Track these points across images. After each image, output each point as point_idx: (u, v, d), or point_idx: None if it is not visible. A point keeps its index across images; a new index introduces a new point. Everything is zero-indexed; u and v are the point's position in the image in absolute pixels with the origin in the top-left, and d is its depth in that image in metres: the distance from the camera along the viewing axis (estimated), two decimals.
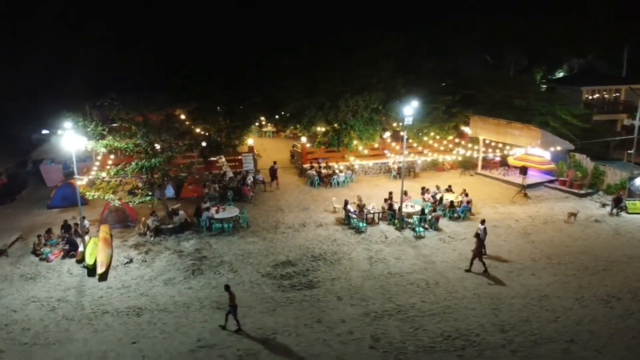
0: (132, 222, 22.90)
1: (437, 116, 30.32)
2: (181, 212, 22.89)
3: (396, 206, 23.05)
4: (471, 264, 18.62)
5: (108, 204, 22.44)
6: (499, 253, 20.24)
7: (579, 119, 29.38)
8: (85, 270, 18.65)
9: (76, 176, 18.61)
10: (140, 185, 22.11)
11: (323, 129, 28.78)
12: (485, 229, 19.59)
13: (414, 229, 21.90)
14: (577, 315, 15.87)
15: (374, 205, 23.61)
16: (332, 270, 18.93)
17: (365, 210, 22.74)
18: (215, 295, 17.16)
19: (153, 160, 20.47)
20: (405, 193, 24.55)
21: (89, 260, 18.51)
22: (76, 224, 21.44)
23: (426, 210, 22.91)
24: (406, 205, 23.17)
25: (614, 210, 23.92)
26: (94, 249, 19.07)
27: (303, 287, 17.75)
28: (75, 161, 18.12)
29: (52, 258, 19.55)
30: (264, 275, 18.51)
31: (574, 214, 23.27)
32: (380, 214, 23.39)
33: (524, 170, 25.99)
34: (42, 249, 19.78)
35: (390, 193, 24.03)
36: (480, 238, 18.73)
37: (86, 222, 22.22)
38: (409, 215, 22.60)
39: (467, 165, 31.44)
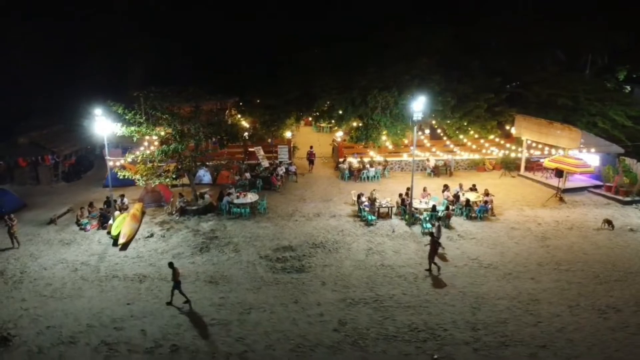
0: (165, 202, 25.23)
1: (478, 114, 29.29)
2: (207, 196, 24.80)
3: (420, 203, 23.00)
4: (430, 264, 18.14)
5: (149, 185, 25.09)
6: (506, 255, 19.43)
7: (635, 121, 26.69)
8: (112, 241, 21.20)
9: (107, 157, 21.15)
10: (170, 169, 24.22)
11: (355, 124, 29.21)
12: (439, 226, 19.09)
13: (422, 225, 21.75)
14: (563, 323, 14.99)
15: (389, 199, 23.67)
16: (327, 258, 19.52)
17: (377, 204, 22.94)
18: (212, 270, 18.62)
19: (173, 146, 22.49)
20: (424, 189, 24.32)
21: (113, 232, 20.99)
22: (115, 201, 24.18)
23: (442, 208, 22.58)
24: (420, 202, 22.95)
25: None
26: (121, 223, 21.48)
27: (293, 270, 18.59)
28: (106, 144, 20.63)
29: (89, 229, 22.36)
30: (262, 257, 19.63)
31: (610, 222, 21.49)
32: (394, 209, 23.44)
33: (559, 173, 24.35)
34: (82, 220, 22.71)
35: (408, 189, 23.91)
36: (434, 237, 18.15)
37: (125, 199, 25.05)
38: (420, 211, 22.39)
39: (510, 167, 29.99)
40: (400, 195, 23.58)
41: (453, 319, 15.36)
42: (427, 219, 21.78)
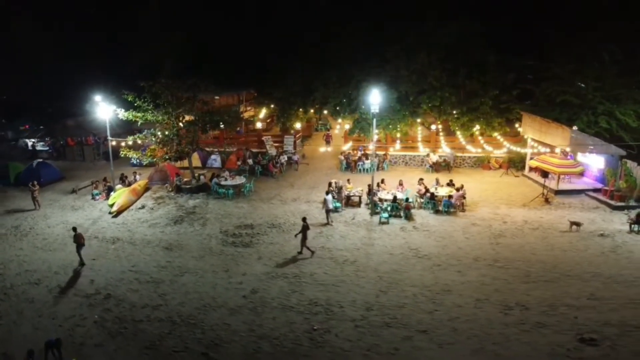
0: (169, 181, 28.29)
1: (484, 111, 28.56)
2: (202, 177, 27.40)
3: (382, 193, 23.56)
4: (302, 247, 19.22)
5: (158, 165, 28.36)
6: (448, 248, 19.48)
7: None
8: (109, 209, 24.57)
9: (109, 138, 24.55)
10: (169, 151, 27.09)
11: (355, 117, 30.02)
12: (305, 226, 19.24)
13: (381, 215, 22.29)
14: (459, 314, 15.05)
15: (361, 189, 24.41)
16: (277, 237, 21.00)
17: (343, 192, 23.85)
18: (174, 239, 21.03)
19: (167, 132, 25.28)
20: (400, 182, 24.71)
21: (109, 202, 24.34)
22: (126, 176, 27.70)
23: (410, 200, 22.91)
24: (387, 193, 23.43)
25: (636, 227, 20.04)
26: (119, 195, 24.77)
27: (240, 245, 20.35)
28: (108, 127, 24.00)
29: (98, 199, 26.00)
30: (221, 232, 21.65)
31: (577, 224, 20.42)
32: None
33: (545, 173, 23.21)
34: (94, 191, 26.44)
35: (383, 180, 24.49)
36: (305, 222, 19.11)
37: (138, 176, 28.50)
38: (382, 201, 22.92)
39: (518, 166, 28.84)
40: (369, 185, 24.21)
41: (354, 298, 16.12)
42: (389, 209, 22.31)
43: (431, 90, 27.88)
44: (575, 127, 23.50)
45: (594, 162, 25.26)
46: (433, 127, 30.94)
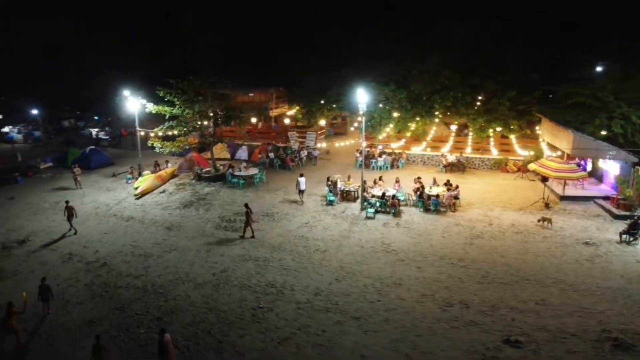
0: (193, 169, 30.86)
1: (502, 112, 27.85)
2: (221, 167, 29.64)
3: (375, 190, 24.24)
4: (244, 231, 21.26)
5: (190, 155, 31.18)
6: (419, 245, 19.83)
7: None
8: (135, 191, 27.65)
9: (138, 129, 27.53)
10: (193, 142, 29.65)
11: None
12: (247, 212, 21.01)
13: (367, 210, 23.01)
14: (398, 305, 15.59)
15: (357, 185, 25.18)
16: (265, 225, 22.50)
17: (339, 187, 24.82)
18: (176, 221, 23.38)
19: (189, 124, 27.75)
20: (396, 180, 25.15)
21: (134, 185, 27.36)
22: (158, 164, 30.76)
23: (403, 198, 23.40)
24: (380, 190, 24.00)
25: (627, 237, 18.90)
26: (144, 180, 27.75)
27: (230, 229, 22.16)
28: (136, 117, 26.95)
29: (130, 183, 29.20)
30: (219, 217, 23.62)
31: (548, 220, 20.20)
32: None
33: (545, 178, 22.39)
34: (127, 176, 29.72)
35: (381, 177, 25.07)
36: (248, 208, 20.98)
37: (169, 164, 31.46)
38: (373, 197, 23.54)
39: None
40: (364, 182, 24.90)
41: (309, 284, 17.22)
42: (377, 205, 22.97)
43: (444, 90, 27.73)
44: (571, 131, 22.33)
45: (612, 168, 23.86)
46: (452, 127, 30.63)
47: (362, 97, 21.72)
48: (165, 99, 28.29)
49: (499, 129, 28.33)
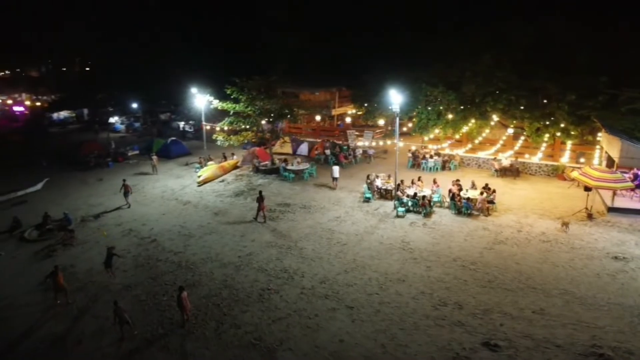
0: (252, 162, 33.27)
1: (561, 116, 26.32)
2: (277, 161, 31.66)
3: (410, 190, 24.60)
4: (257, 215, 23.52)
5: (253, 149, 33.78)
6: (438, 246, 20.02)
7: None
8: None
9: (204, 123, 30.44)
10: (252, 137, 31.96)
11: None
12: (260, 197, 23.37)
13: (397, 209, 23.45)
14: (392, 300, 16.25)
15: (391, 183, 25.65)
16: (301, 217, 23.95)
17: (377, 185, 25.47)
18: (225, 207, 25.80)
19: (247, 121, 30.06)
20: (434, 181, 25.23)
21: (198, 174, 30.40)
22: (225, 156, 33.66)
23: (436, 199, 23.53)
24: (420, 190, 24.26)
25: None
26: (207, 170, 30.70)
27: (268, 218, 23.90)
28: (203, 113, 29.89)
29: (197, 171, 32.40)
30: None
31: (567, 224, 19.61)
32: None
33: (588, 187, 20.95)
34: (196, 165, 32.99)
35: (420, 177, 25.32)
36: (261, 194, 23.42)
37: (235, 156, 34.27)
38: (407, 196, 23.85)
39: None
40: (402, 181, 25.19)
41: (318, 272, 18.43)
42: (409, 204, 23.35)
43: (497, 93, 26.85)
44: (620, 139, 20.57)
45: None
46: (510, 130, 29.47)
47: (395, 98, 22.25)
48: (232, 97, 31.00)
49: (557, 134, 26.86)
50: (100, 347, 14.71)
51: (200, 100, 30.93)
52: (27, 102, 67.85)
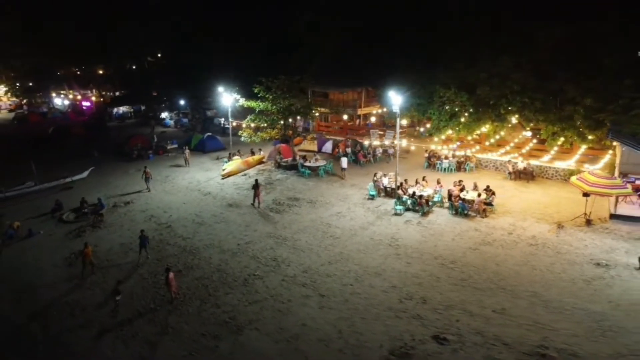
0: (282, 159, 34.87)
1: (579, 120, 25.58)
2: (297, 158, 33.05)
3: (412, 189, 25.09)
4: (254, 201, 25.97)
5: (278, 145, 35.49)
6: (424, 244, 20.58)
7: None
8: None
9: (230, 119, 32.41)
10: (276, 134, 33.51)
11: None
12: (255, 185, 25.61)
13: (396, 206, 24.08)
14: (364, 291, 17.16)
15: (394, 182, 26.23)
16: (305, 211, 25.21)
17: (383, 183, 26.16)
18: (240, 199, 27.56)
19: (270, 118, 31.67)
20: (438, 181, 25.54)
21: (223, 167, 32.48)
22: (253, 152, 35.54)
23: (437, 199, 23.96)
24: (420, 189, 24.69)
25: None
26: (232, 164, 32.70)
27: (275, 211, 25.40)
28: (229, 111, 31.88)
29: (225, 165, 34.53)
30: (273, 200, 27.08)
31: (560, 227, 19.41)
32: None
33: (586, 193, 20.42)
34: (224, 159, 35.14)
35: (424, 177, 25.73)
36: (257, 182, 25.88)
37: (262, 152, 36.10)
38: (408, 195, 24.37)
39: None
40: (405, 180, 25.68)
41: (304, 262, 19.66)
42: (408, 202, 23.93)
43: (511, 95, 26.47)
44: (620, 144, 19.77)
45: None
46: (528, 133, 28.87)
47: (395, 99, 22.91)
48: (259, 95, 32.80)
49: (574, 138, 26.14)
50: (100, 315, 16.92)
51: (227, 98, 33.03)
52: (93, 98, 74.05)
